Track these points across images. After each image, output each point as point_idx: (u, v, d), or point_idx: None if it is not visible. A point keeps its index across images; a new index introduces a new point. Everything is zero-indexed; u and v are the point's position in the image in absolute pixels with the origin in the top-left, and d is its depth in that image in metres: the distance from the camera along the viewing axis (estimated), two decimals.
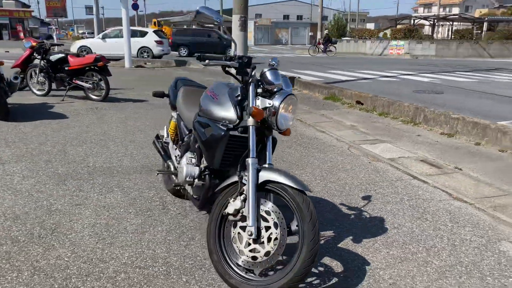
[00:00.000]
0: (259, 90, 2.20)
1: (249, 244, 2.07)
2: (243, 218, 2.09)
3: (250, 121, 2.14)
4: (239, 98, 2.28)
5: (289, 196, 2.02)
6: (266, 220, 2.05)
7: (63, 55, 7.68)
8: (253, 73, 2.20)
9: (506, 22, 36.15)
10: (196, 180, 2.50)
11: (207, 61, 2.20)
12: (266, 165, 2.17)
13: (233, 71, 2.29)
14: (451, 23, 35.50)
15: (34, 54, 7.70)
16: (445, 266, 2.45)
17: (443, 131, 5.85)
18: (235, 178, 2.16)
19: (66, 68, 7.51)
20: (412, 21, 36.69)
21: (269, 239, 2.02)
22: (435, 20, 35.01)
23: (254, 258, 2.06)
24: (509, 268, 2.45)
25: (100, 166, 3.99)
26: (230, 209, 2.10)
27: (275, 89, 2.16)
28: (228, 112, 2.25)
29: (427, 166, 4.40)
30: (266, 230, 2.03)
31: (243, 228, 2.10)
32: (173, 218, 2.92)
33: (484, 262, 2.51)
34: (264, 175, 2.08)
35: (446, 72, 15.14)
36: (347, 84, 10.86)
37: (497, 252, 2.64)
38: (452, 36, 32.77)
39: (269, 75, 2.15)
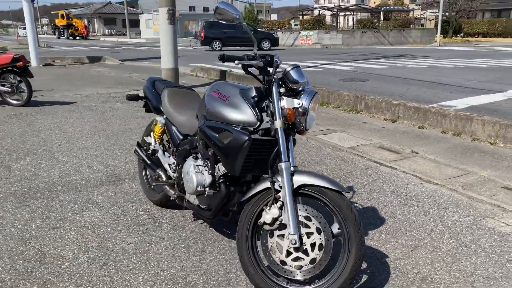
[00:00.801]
0: (281, 90, 2.09)
1: (290, 253, 1.97)
2: (281, 227, 1.98)
3: (278, 123, 2.02)
4: (256, 98, 2.14)
5: (328, 199, 1.95)
6: (307, 226, 1.96)
7: None
8: (275, 72, 2.08)
9: (398, 11, 39.48)
10: (207, 189, 2.32)
11: (236, 61, 2.03)
12: (292, 168, 2.07)
13: (254, 70, 2.14)
14: (351, 13, 37.71)
15: None
16: (453, 249, 2.57)
17: (386, 117, 6.17)
18: (265, 185, 2.03)
19: None
20: (317, 12, 38.27)
21: (312, 246, 1.94)
22: (338, 11, 36.91)
23: (298, 267, 1.96)
24: (505, 244, 2.64)
25: (58, 180, 3.55)
26: (266, 218, 1.97)
27: (299, 88, 2.07)
28: (245, 115, 2.11)
29: (387, 152, 4.60)
30: (308, 237, 1.94)
31: (281, 236, 1.99)
32: (171, 232, 2.69)
33: (482, 241, 2.68)
34: (299, 179, 1.98)
35: (359, 60, 16.04)
36: None
37: (488, 230, 2.83)
38: (355, 26, 34.85)
39: (293, 74, 2.04)
